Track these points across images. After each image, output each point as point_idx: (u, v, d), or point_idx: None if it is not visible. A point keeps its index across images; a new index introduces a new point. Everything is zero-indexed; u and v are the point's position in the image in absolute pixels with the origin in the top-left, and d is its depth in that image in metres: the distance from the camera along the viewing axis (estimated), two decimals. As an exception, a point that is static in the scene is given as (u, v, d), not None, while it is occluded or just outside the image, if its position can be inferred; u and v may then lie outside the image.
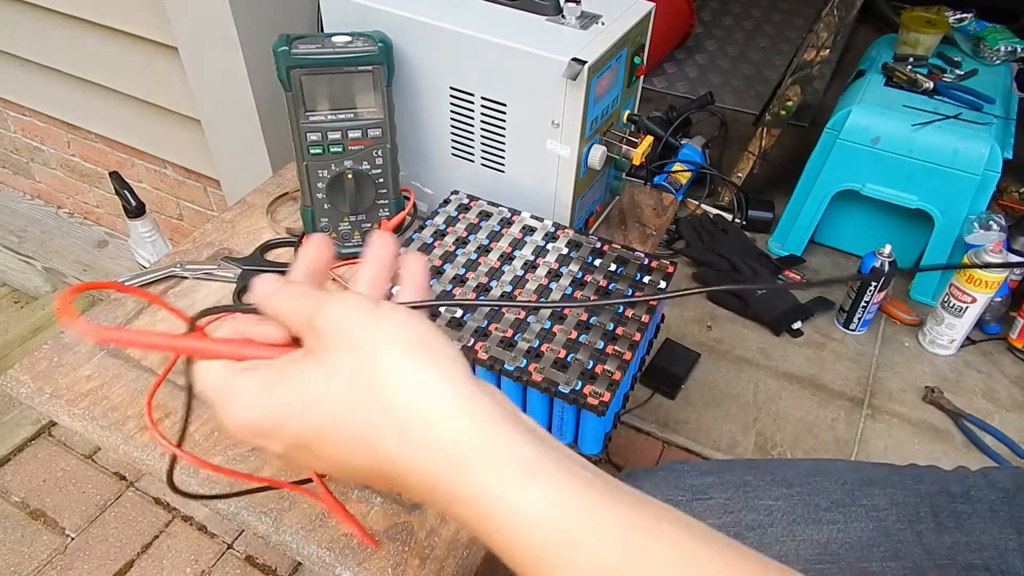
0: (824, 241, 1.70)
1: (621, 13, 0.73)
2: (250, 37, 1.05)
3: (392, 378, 0.30)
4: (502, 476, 0.29)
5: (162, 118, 1.34)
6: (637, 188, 0.92)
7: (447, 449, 0.29)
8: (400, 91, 0.77)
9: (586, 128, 0.69)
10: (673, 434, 1.31)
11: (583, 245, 0.70)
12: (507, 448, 0.29)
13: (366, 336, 0.31)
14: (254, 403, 0.32)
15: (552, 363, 0.58)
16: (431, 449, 0.29)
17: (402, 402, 0.30)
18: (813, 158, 1.58)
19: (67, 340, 0.70)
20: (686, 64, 2.38)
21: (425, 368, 0.30)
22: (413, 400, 0.30)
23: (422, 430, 0.30)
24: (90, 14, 1.23)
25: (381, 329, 0.31)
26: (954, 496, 0.60)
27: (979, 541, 0.57)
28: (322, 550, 0.55)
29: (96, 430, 0.63)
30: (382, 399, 0.30)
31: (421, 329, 0.32)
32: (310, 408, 0.31)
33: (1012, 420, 1.33)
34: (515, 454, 0.29)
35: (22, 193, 1.91)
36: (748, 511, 0.60)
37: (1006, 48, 1.65)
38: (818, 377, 1.41)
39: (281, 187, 0.91)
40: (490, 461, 0.29)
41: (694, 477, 0.64)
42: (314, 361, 0.32)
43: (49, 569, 1.19)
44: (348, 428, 0.31)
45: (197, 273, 0.77)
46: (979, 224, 1.40)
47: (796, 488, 0.61)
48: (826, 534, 0.58)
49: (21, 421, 1.41)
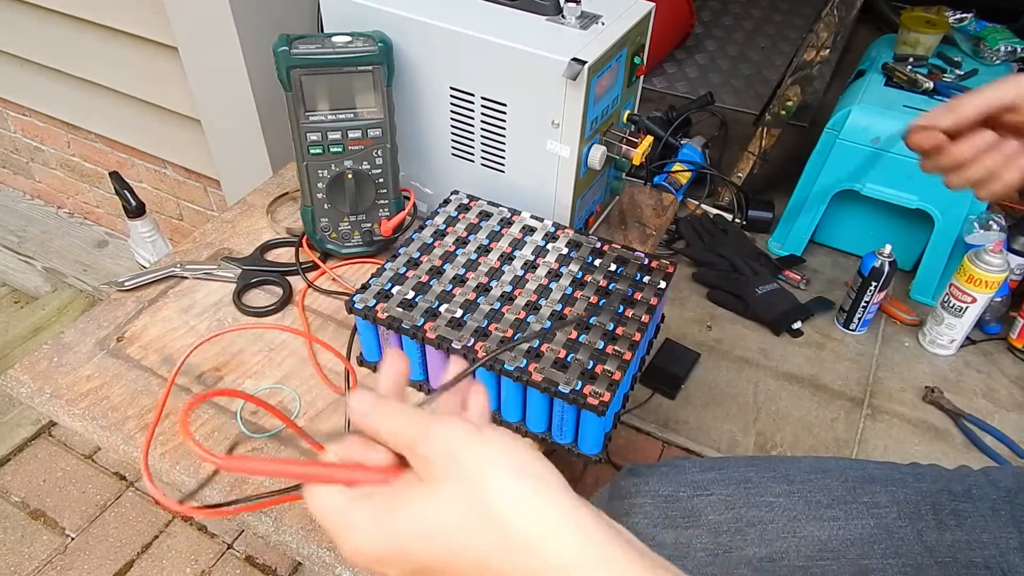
0: (824, 241, 1.70)
1: (621, 13, 0.73)
2: (250, 37, 1.05)
3: (505, 504, 0.32)
4: None
5: (162, 118, 1.34)
6: (637, 188, 0.92)
7: (553, 564, 0.31)
8: (400, 91, 0.77)
9: (586, 128, 0.69)
10: (673, 434, 1.31)
11: (583, 245, 0.70)
12: (607, 563, 0.31)
13: (476, 464, 0.33)
14: (372, 532, 0.34)
15: (552, 363, 0.58)
16: (540, 568, 0.31)
17: (514, 527, 0.32)
18: (813, 158, 1.58)
19: (67, 340, 0.70)
20: (686, 64, 2.38)
21: (535, 493, 0.33)
22: (525, 523, 0.32)
23: (531, 550, 0.32)
24: (90, 14, 1.23)
25: (489, 456, 0.33)
26: (955, 494, 0.60)
27: (980, 539, 0.57)
28: (322, 550, 0.55)
29: (96, 430, 0.63)
30: (496, 526, 0.32)
31: (524, 453, 0.34)
32: (428, 537, 0.33)
33: (1012, 420, 1.33)
34: (613, 568, 0.31)
35: (22, 193, 1.91)
36: (749, 507, 0.60)
37: (1006, 48, 1.65)
38: (818, 377, 1.41)
39: (281, 187, 0.91)
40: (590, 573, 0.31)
41: (696, 473, 0.64)
42: (428, 492, 0.33)
43: (49, 569, 1.19)
44: (467, 554, 0.32)
45: (197, 273, 0.77)
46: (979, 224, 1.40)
47: (797, 485, 0.61)
48: (827, 531, 0.58)
49: (21, 421, 1.41)
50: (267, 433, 0.62)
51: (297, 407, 0.65)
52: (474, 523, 0.32)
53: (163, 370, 0.67)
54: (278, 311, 0.74)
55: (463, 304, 0.63)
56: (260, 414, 0.64)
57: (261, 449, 0.61)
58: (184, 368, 0.68)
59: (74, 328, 0.71)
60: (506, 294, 0.64)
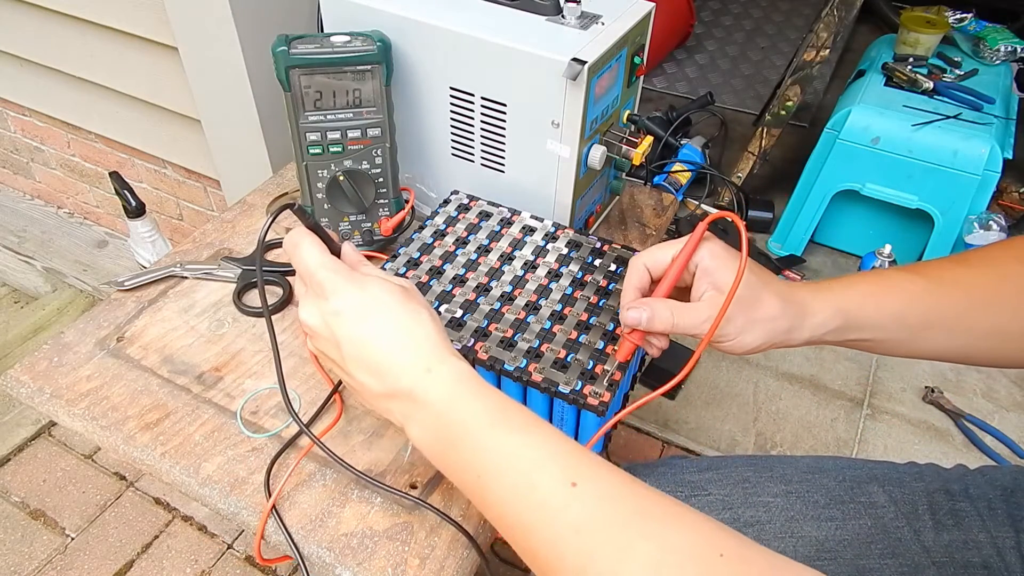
0: (824, 241, 1.70)
1: (621, 13, 0.73)
2: (250, 37, 1.05)
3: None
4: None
5: (162, 118, 1.34)
6: (637, 188, 0.92)
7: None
8: (400, 91, 0.77)
9: (586, 128, 0.70)
10: (673, 434, 1.31)
11: (583, 245, 0.70)
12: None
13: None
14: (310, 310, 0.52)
15: (552, 363, 0.58)
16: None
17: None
18: (813, 158, 1.58)
19: (67, 340, 0.70)
20: (686, 64, 2.39)
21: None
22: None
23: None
24: (90, 14, 1.23)
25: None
26: (953, 494, 0.60)
27: (976, 539, 0.57)
28: (322, 550, 0.55)
29: (96, 430, 0.63)
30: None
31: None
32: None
33: (1012, 420, 1.33)
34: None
35: (22, 193, 1.91)
36: (747, 507, 0.60)
37: (1006, 48, 1.65)
38: (818, 377, 1.41)
39: (281, 187, 0.91)
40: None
41: (693, 473, 0.64)
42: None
43: (49, 569, 1.19)
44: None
45: (197, 273, 0.77)
46: (979, 224, 1.40)
47: (795, 485, 0.61)
48: (824, 531, 0.58)
49: (21, 421, 1.41)
50: (267, 433, 0.62)
51: (297, 407, 0.65)
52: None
53: (163, 370, 0.67)
54: (278, 311, 0.74)
55: (463, 304, 0.63)
56: (260, 414, 0.64)
57: (262, 449, 0.61)
58: (184, 368, 0.68)
59: (74, 328, 0.71)
60: (506, 294, 0.64)
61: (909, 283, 0.54)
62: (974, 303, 0.53)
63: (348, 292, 0.49)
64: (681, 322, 0.52)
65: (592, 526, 0.39)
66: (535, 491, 0.41)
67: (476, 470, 0.44)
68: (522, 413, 0.45)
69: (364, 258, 0.56)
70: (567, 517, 0.39)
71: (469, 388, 0.46)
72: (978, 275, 0.54)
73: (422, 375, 0.46)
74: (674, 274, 0.54)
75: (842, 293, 0.53)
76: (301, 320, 0.52)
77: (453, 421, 0.45)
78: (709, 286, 0.52)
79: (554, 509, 0.40)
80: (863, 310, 0.53)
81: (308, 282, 0.51)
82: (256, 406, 0.65)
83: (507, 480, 0.42)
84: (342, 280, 0.49)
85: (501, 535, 0.44)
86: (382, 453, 0.61)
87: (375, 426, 0.63)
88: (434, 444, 0.47)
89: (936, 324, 0.53)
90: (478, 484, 0.44)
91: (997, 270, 0.54)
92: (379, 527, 0.56)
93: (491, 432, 0.44)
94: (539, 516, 0.40)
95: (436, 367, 0.47)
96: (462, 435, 0.45)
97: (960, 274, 0.54)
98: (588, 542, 0.38)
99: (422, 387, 0.46)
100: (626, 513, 0.39)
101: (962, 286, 0.54)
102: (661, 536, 0.38)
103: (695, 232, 0.54)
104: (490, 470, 0.43)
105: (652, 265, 0.55)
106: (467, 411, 0.45)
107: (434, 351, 0.47)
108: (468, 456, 0.44)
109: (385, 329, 0.48)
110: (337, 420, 0.63)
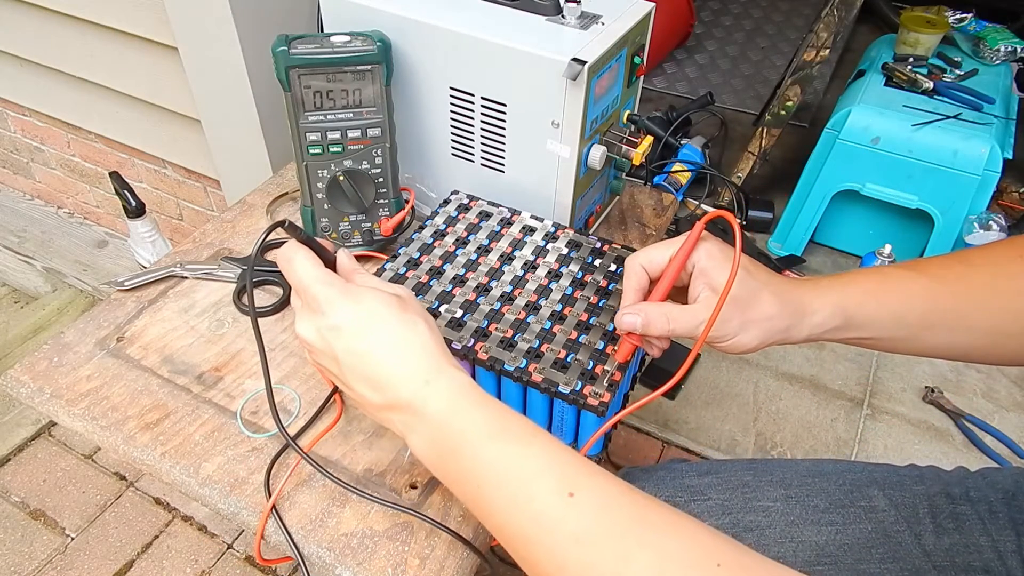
0: (824, 241, 1.70)
1: (621, 13, 0.73)
2: (250, 37, 1.05)
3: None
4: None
5: (162, 118, 1.34)
6: (637, 188, 0.92)
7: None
8: (400, 91, 0.77)
9: (586, 128, 0.69)
10: (673, 434, 1.31)
11: (583, 245, 0.70)
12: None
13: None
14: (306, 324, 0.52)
15: (552, 363, 0.58)
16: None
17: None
18: (813, 158, 1.58)
19: (67, 340, 0.70)
20: (686, 64, 2.38)
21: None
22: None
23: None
24: (90, 14, 1.23)
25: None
26: (953, 497, 0.60)
27: (977, 543, 0.57)
28: (322, 550, 0.55)
29: (96, 430, 0.63)
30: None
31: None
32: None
33: (1012, 420, 1.33)
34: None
35: (22, 193, 1.91)
36: (746, 512, 0.60)
37: (1006, 48, 1.65)
38: (818, 377, 1.41)
39: (281, 187, 0.91)
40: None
41: (692, 477, 0.64)
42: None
43: (49, 569, 1.19)
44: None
45: (197, 273, 0.77)
46: (979, 224, 1.40)
47: (795, 489, 0.61)
48: (824, 535, 0.58)
49: (21, 421, 1.41)
50: (267, 433, 0.62)
51: (297, 407, 0.65)
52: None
53: (163, 370, 0.67)
54: (278, 311, 0.74)
55: (463, 304, 0.63)
56: (260, 414, 0.64)
57: (262, 449, 0.61)
58: (184, 368, 0.68)
59: (74, 328, 0.71)
60: (506, 294, 0.64)
61: (910, 281, 0.54)
62: (975, 302, 0.53)
63: (343, 306, 0.48)
64: (677, 326, 0.52)
65: (591, 536, 0.39)
66: (533, 502, 0.41)
67: (476, 481, 0.44)
68: (521, 423, 0.45)
69: (359, 266, 0.55)
70: (566, 527, 0.39)
71: (468, 399, 0.46)
72: (979, 273, 0.54)
73: (421, 387, 0.46)
74: (671, 275, 0.54)
75: (842, 291, 0.53)
76: (298, 335, 0.51)
77: (452, 432, 0.45)
78: (705, 287, 0.52)
79: (552, 520, 0.40)
80: (863, 308, 0.53)
81: (303, 297, 0.51)
82: (256, 406, 0.65)
83: (506, 491, 0.42)
84: (337, 294, 0.49)
85: (502, 545, 0.44)
86: (382, 453, 0.61)
87: (375, 426, 0.63)
88: (434, 455, 0.47)
89: (937, 323, 0.53)
90: (478, 495, 0.44)
91: (998, 268, 0.54)
92: (379, 527, 0.56)
93: (490, 443, 0.44)
94: (538, 527, 0.40)
95: (434, 379, 0.47)
96: (461, 446, 0.45)
97: (961, 272, 0.54)
98: (588, 552, 0.38)
99: (421, 399, 0.46)
100: (624, 522, 0.39)
101: (963, 284, 0.53)
102: (659, 545, 0.38)
103: (692, 232, 0.54)
104: (489, 481, 0.43)
105: (648, 265, 0.55)
106: (466, 422, 0.45)
107: (431, 362, 0.47)
108: (468, 467, 0.45)
109: (382, 342, 0.48)
110: (337, 420, 0.63)
